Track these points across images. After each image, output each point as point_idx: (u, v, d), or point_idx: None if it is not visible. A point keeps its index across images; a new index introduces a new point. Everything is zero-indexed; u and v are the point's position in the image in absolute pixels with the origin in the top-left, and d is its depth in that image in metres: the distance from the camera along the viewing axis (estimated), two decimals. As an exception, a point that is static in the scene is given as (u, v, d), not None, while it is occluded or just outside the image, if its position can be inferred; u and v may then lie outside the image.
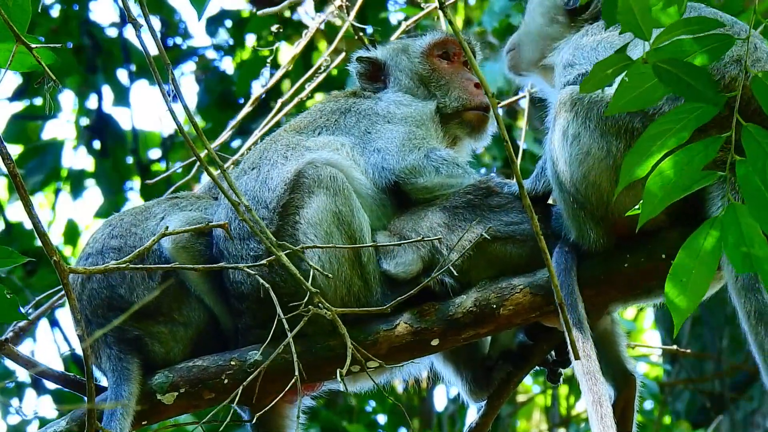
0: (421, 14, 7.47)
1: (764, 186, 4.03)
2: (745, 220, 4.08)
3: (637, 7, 4.02)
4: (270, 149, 5.44)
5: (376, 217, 5.34)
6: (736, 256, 4.10)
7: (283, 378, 4.97)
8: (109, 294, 5.32)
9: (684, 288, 4.15)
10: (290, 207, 5.22)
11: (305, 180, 5.22)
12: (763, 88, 4.08)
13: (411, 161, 5.36)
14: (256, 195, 5.28)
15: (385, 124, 5.51)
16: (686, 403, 11.96)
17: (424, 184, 5.35)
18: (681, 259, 4.15)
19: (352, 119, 5.55)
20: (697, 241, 4.14)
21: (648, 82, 4.08)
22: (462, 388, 5.52)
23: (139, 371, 5.24)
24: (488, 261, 5.18)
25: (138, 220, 5.50)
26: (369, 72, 5.85)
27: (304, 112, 5.77)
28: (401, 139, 5.42)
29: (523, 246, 5.17)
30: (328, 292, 5.10)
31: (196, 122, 4.51)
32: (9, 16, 4.35)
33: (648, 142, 4.13)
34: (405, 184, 5.35)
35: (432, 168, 5.35)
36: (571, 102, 4.96)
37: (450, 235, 5.21)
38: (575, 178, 4.96)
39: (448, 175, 5.35)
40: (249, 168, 5.43)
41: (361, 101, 5.68)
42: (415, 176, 5.35)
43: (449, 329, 5.14)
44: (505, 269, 5.18)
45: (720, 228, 4.10)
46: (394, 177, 5.35)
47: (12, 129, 12.27)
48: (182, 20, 12.77)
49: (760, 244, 4.07)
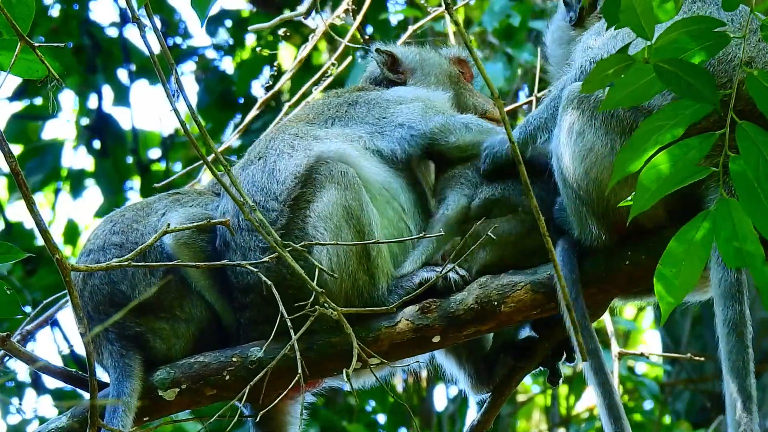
0: (428, 18, 7.49)
1: (757, 182, 4.04)
2: (737, 216, 4.08)
3: (639, 7, 4.03)
4: (277, 139, 5.45)
5: (392, 208, 5.37)
6: (728, 250, 4.10)
7: (285, 375, 4.98)
8: (110, 290, 5.33)
9: (673, 279, 4.16)
10: (301, 201, 5.23)
11: (317, 176, 5.23)
12: (758, 86, 4.09)
13: (438, 121, 5.43)
14: (264, 186, 5.29)
15: (398, 106, 5.57)
16: (686, 403, 11.96)
17: (456, 142, 5.43)
18: (672, 249, 4.16)
19: (362, 109, 5.58)
20: (689, 233, 4.14)
21: (644, 78, 4.09)
22: (464, 381, 5.54)
23: (140, 367, 5.24)
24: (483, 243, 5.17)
25: (139, 216, 5.50)
26: (389, 64, 5.93)
27: (308, 106, 5.79)
28: (421, 109, 5.50)
29: (517, 221, 5.19)
30: (333, 287, 5.11)
31: (200, 122, 4.51)
32: (13, 14, 4.35)
33: (642, 138, 4.14)
34: (438, 144, 5.42)
35: (461, 125, 5.44)
36: (578, 99, 4.99)
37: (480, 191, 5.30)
38: (578, 174, 4.98)
39: (479, 131, 5.43)
40: (255, 158, 5.43)
41: (366, 93, 5.73)
42: (446, 135, 5.42)
43: (450, 326, 5.15)
44: (501, 249, 5.18)
45: (712, 221, 4.11)
46: (427, 140, 5.42)
47: (12, 129, 12.29)
48: (182, 20, 12.79)
49: (752, 240, 4.07)
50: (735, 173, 4.07)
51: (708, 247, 4.12)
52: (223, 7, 13.72)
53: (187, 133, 4.56)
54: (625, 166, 4.16)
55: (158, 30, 4.57)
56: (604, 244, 5.03)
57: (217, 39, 12.65)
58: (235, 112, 12.30)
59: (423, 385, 11.76)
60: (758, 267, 4.10)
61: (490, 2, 9.87)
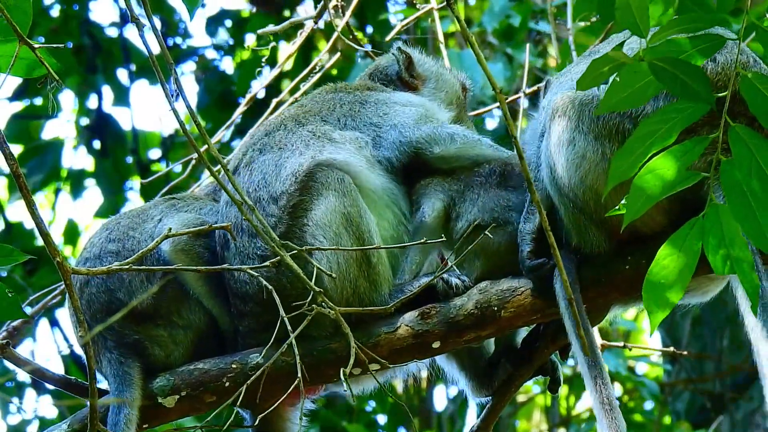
0: (416, 14, 7.48)
1: (748, 186, 4.01)
2: (726, 221, 4.06)
3: (635, 5, 4.02)
4: (296, 133, 5.43)
5: (392, 212, 5.36)
6: (717, 257, 4.08)
7: (284, 380, 4.97)
8: (107, 298, 5.31)
9: (662, 288, 4.14)
10: (299, 209, 5.22)
11: (313, 183, 5.23)
12: (752, 89, 4.08)
13: (426, 130, 5.45)
14: (270, 182, 5.27)
15: (402, 107, 5.60)
16: (686, 403, 11.95)
17: (441, 153, 5.44)
18: (661, 259, 4.14)
19: (371, 109, 5.59)
20: (678, 241, 4.13)
21: (640, 80, 4.08)
22: (465, 384, 5.53)
23: (140, 375, 5.23)
24: (474, 252, 5.14)
25: (135, 223, 5.48)
26: (407, 65, 5.96)
27: (317, 98, 5.74)
28: (417, 115, 5.53)
29: (505, 235, 5.18)
30: (334, 294, 5.11)
31: (200, 122, 4.50)
32: (10, 16, 4.35)
33: (637, 142, 4.12)
34: (423, 153, 5.43)
35: (447, 136, 5.45)
36: (563, 106, 4.97)
37: (462, 204, 5.28)
38: (573, 183, 4.96)
39: (464, 143, 5.45)
40: (275, 146, 5.39)
41: (377, 93, 5.73)
42: (431, 145, 5.42)
43: (450, 331, 5.14)
44: (494, 261, 5.17)
45: (701, 228, 4.09)
46: (413, 148, 5.43)
47: (12, 129, 12.28)
48: (182, 20, 12.77)
49: (741, 245, 4.05)
50: (725, 177, 4.05)
51: (697, 256, 4.09)
52: (223, 7, 13.73)
53: (187, 134, 4.55)
54: (620, 171, 4.14)
55: (157, 30, 4.57)
56: (604, 251, 5.01)
57: (217, 39, 12.63)
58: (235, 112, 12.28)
59: (423, 385, 11.76)
60: (746, 272, 4.08)
61: (490, 2, 9.86)
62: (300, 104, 5.75)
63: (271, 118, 5.75)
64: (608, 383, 4.81)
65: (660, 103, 4.74)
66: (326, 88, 5.85)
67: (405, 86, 5.91)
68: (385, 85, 5.90)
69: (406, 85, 5.91)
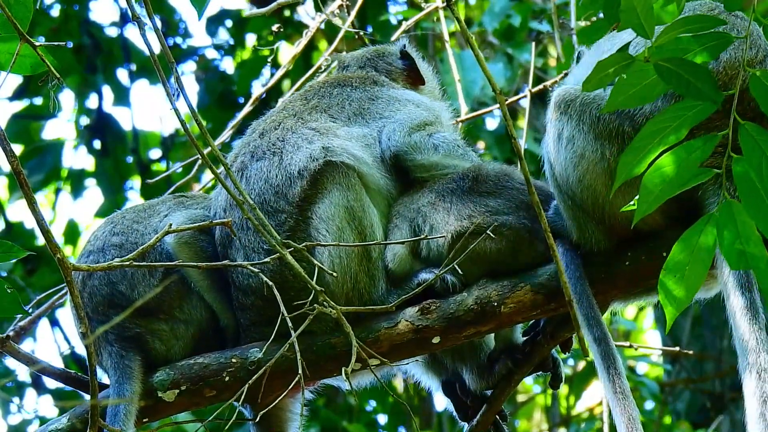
0: (421, 13, 7.48)
1: (760, 184, 4.03)
2: (740, 218, 4.08)
3: (639, 6, 4.03)
4: (296, 132, 5.42)
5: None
6: (731, 253, 4.10)
7: (284, 375, 4.99)
8: (109, 291, 5.32)
9: (677, 286, 4.15)
10: (305, 203, 5.23)
11: (318, 177, 5.23)
12: (762, 87, 4.09)
13: (414, 138, 5.42)
14: (278, 185, 5.27)
15: (411, 106, 5.58)
16: (686, 403, 11.96)
17: (422, 161, 5.41)
18: (675, 255, 4.16)
19: (381, 105, 5.59)
20: (692, 237, 4.14)
21: (646, 79, 4.09)
22: (466, 377, 5.53)
23: (140, 369, 5.24)
24: (470, 259, 5.14)
25: (141, 217, 5.50)
26: (413, 65, 5.97)
27: (323, 93, 5.69)
28: (418, 119, 5.49)
29: (503, 240, 5.15)
30: (335, 289, 5.13)
31: (201, 121, 4.51)
32: (11, 12, 4.35)
33: (645, 140, 4.14)
34: (404, 160, 5.40)
35: (431, 146, 5.42)
36: (564, 104, 4.98)
37: (435, 215, 5.21)
38: (572, 181, 4.97)
39: (446, 154, 5.41)
40: (269, 151, 5.37)
41: (386, 89, 5.71)
42: (414, 153, 5.40)
43: (450, 327, 5.15)
44: (490, 266, 5.17)
45: (716, 224, 4.10)
46: (395, 151, 5.39)
47: (13, 128, 12.28)
48: (182, 20, 12.78)
49: (756, 241, 4.07)
50: (738, 175, 4.07)
51: (712, 252, 4.10)
52: (223, 7, 13.74)
53: (188, 133, 4.56)
54: (628, 169, 4.15)
55: (158, 29, 4.57)
56: (604, 248, 5.02)
57: (217, 39, 12.64)
58: (236, 112, 12.27)
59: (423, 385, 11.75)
60: (762, 269, 4.10)
61: (491, 2, 9.87)
62: (304, 98, 5.70)
63: (272, 112, 5.72)
64: (622, 372, 4.84)
65: (659, 103, 4.75)
66: (329, 80, 5.79)
67: (408, 82, 5.90)
68: (388, 77, 5.88)
69: (410, 81, 5.90)
